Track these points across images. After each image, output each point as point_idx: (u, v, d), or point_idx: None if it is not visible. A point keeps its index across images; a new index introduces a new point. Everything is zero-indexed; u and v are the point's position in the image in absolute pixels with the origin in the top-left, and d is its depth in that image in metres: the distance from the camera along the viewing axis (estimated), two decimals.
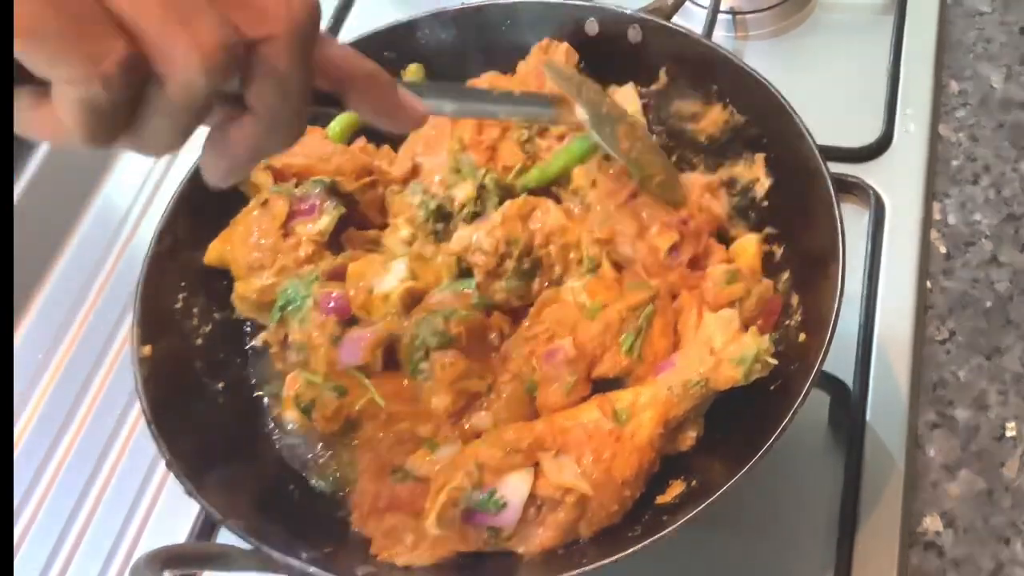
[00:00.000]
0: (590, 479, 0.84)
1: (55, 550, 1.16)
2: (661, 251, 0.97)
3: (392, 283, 0.97)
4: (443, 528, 0.84)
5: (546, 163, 1.04)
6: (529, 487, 0.83)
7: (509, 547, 0.86)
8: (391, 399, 0.92)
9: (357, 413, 0.93)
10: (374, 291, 0.97)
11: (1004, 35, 1.38)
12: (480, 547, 0.86)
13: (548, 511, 0.84)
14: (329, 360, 0.94)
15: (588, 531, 0.86)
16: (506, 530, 0.84)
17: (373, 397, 0.92)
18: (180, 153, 1.45)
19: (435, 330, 0.91)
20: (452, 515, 0.83)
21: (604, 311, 0.92)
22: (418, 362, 0.92)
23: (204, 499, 0.89)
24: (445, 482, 0.85)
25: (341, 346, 0.94)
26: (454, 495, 0.83)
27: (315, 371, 0.95)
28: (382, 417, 0.93)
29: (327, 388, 0.92)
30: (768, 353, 0.88)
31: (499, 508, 0.83)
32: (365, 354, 0.93)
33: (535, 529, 0.85)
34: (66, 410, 1.26)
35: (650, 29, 1.11)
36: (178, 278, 1.05)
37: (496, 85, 1.11)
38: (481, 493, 0.83)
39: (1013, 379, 1.10)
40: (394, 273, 0.98)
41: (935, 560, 1.00)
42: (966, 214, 1.23)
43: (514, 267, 0.97)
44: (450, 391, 0.91)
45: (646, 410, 0.88)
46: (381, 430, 0.94)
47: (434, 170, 1.08)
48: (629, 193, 0.98)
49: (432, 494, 0.86)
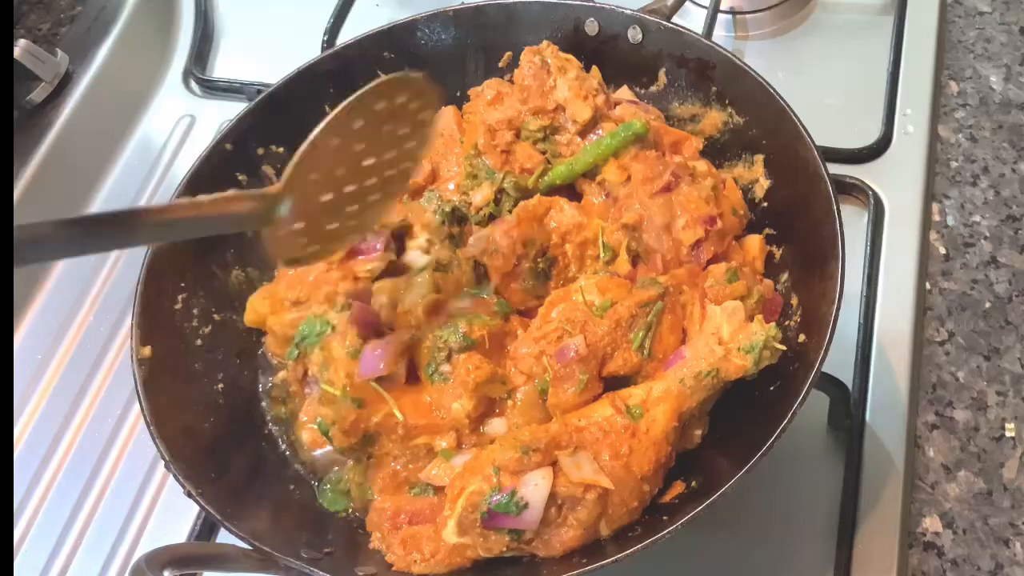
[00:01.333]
0: (609, 475, 0.84)
1: (55, 550, 1.16)
2: (685, 246, 0.97)
3: (415, 298, 0.97)
4: (463, 535, 0.83)
5: (574, 158, 1.04)
6: (549, 485, 0.83)
7: (531, 550, 0.85)
8: (409, 413, 0.92)
9: (375, 427, 0.92)
10: (399, 307, 0.98)
11: (1004, 35, 1.38)
12: (502, 551, 0.85)
13: (569, 510, 0.84)
14: (348, 372, 0.92)
15: (608, 529, 0.86)
16: (528, 532, 0.84)
17: (392, 410, 0.91)
18: (176, 158, 1.47)
19: (458, 333, 0.92)
20: (472, 520, 0.83)
21: (613, 308, 0.93)
22: (439, 364, 0.92)
23: (203, 500, 0.89)
24: (463, 488, 0.84)
25: (361, 358, 0.93)
26: (474, 499, 0.83)
27: (333, 384, 0.93)
28: (399, 432, 0.92)
29: (345, 400, 0.91)
30: (776, 339, 0.88)
31: (521, 509, 0.82)
32: (389, 363, 0.92)
33: (557, 530, 0.84)
34: (66, 410, 1.27)
35: (650, 29, 1.11)
36: (178, 279, 1.05)
37: (500, 91, 1.11)
38: (502, 495, 0.83)
39: (1012, 380, 1.10)
40: (417, 289, 0.98)
41: (935, 560, 1.00)
42: (965, 215, 1.23)
43: (530, 267, 0.98)
44: (473, 395, 0.91)
45: (659, 404, 0.88)
46: (398, 446, 0.93)
47: (450, 176, 1.09)
48: (664, 184, 0.99)
49: (450, 501, 0.85)
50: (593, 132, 1.05)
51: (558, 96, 1.06)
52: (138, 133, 1.51)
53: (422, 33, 1.17)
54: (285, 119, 1.14)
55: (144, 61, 1.57)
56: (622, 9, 1.12)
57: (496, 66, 1.18)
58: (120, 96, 1.53)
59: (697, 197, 0.98)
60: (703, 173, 1.02)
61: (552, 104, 1.06)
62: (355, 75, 1.17)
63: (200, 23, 1.59)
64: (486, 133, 1.06)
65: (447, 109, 1.13)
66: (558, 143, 1.07)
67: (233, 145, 1.11)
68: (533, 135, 1.06)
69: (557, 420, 0.90)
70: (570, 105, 1.05)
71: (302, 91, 1.14)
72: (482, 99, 1.11)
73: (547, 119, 1.07)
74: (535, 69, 1.08)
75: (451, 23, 1.17)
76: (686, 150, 1.06)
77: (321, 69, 1.15)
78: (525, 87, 1.08)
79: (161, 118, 1.52)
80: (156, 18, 1.61)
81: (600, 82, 1.10)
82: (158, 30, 1.61)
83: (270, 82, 1.15)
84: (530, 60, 1.08)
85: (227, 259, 1.11)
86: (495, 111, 1.09)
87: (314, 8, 1.48)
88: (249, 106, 1.13)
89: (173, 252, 1.05)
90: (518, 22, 1.16)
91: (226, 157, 1.11)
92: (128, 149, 1.50)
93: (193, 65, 1.54)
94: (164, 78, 1.56)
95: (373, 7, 1.56)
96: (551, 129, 1.07)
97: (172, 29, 1.62)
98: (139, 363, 0.97)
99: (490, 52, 1.18)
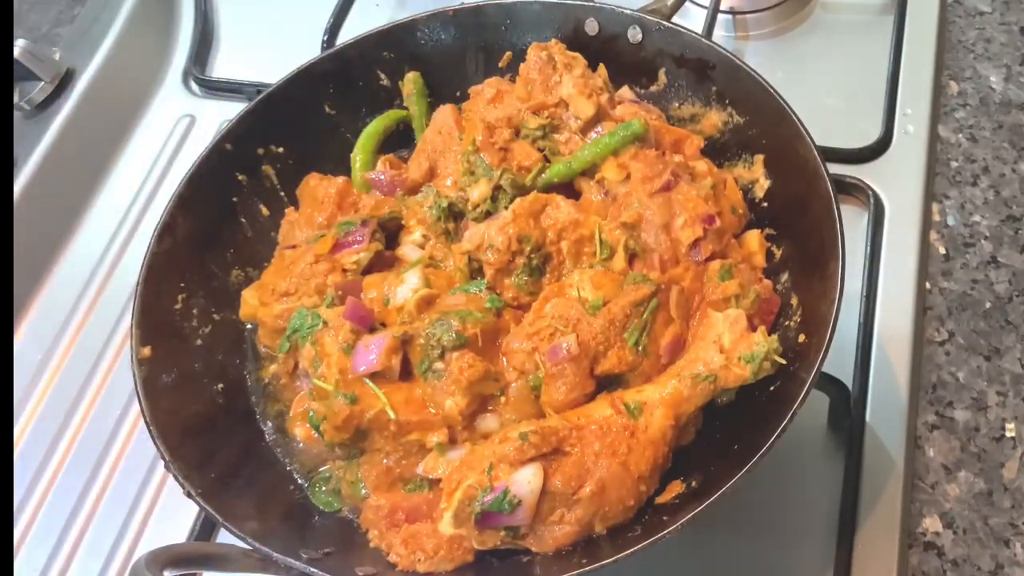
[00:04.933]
0: (607, 473, 0.85)
1: (55, 550, 1.16)
2: (683, 245, 0.97)
3: (407, 293, 0.97)
4: (459, 527, 0.84)
5: (573, 156, 1.04)
6: (540, 482, 0.84)
7: (525, 545, 0.86)
8: (401, 409, 0.92)
9: (367, 423, 0.92)
10: (390, 302, 0.98)
11: (1004, 35, 1.38)
12: (497, 545, 0.86)
13: (564, 507, 0.85)
14: (341, 368, 0.92)
15: (602, 527, 0.87)
16: (522, 527, 0.85)
17: (384, 408, 0.91)
18: (176, 158, 1.47)
19: (451, 331, 0.91)
20: (469, 513, 0.84)
21: (607, 308, 0.93)
22: (432, 362, 0.92)
23: (203, 500, 0.89)
24: (460, 481, 0.85)
25: (354, 354, 0.93)
26: (470, 492, 0.84)
27: (325, 379, 0.93)
28: (392, 428, 0.92)
29: (337, 396, 0.91)
30: (777, 352, 0.89)
31: (513, 507, 0.83)
32: (382, 359, 0.92)
33: (551, 527, 0.85)
34: (66, 410, 1.27)
35: (650, 29, 1.11)
36: (178, 279, 1.05)
37: (500, 89, 1.11)
38: (495, 494, 0.83)
39: (1012, 380, 1.10)
40: (408, 283, 0.98)
41: (935, 560, 1.00)
42: (965, 215, 1.23)
43: (524, 263, 0.98)
44: (467, 394, 0.91)
45: (657, 405, 0.89)
46: (390, 442, 0.94)
47: (447, 172, 1.09)
48: (663, 183, 0.99)
49: (446, 495, 0.86)
50: (593, 131, 1.05)
51: (562, 92, 1.06)
52: (138, 133, 1.51)
53: (422, 33, 1.17)
54: (285, 119, 1.15)
55: (144, 61, 1.57)
56: (622, 9, 1.12)
57: (496, 66, 1.18)
58: (120, 96, 1.53)
59: (696, 196, 0.98)
60: (703, 172, 1.02)
61: (555, 99, 1.06)
62: (355, 75, 1.18)
63: (200, 23, 1.59)
64: (484, 131, 1.06)
65: (446, 107, 1.13)
66: (557, 141, 1.07)
67: (233, 145, 1.11)
68: (532, 133, 1.06)
69: (552, 416, 0.90)
70: (574, 102, 1.06)
71: (302, 91, 1.15)
72: (482, 97, 1.11)
73: (547, 117, 1.07)
74: (541, 64, 1.08)
75: (451, 23, 1.17)
76: (687, 149, 1.06)
77: (321, 69, 1.15)
78: (530, 80, 1.08)
79: (161, 118, 1.52)
80: (156, 18, 1.61)
81: (606, 80, 1.10)
82: (158, 30, 1.61)
83: (270, 82, 1.15)
84: (537, 55, 1.09)
85: (227, 259, 1.11)
86: (495, 109, 1.09)
87: (314, 8, 1.48)
88: (249, 106, 1.13)
89: (173, 252, 1.05)
90: (518, 22, 1.16)
91: (226, 157, 1.11)
92: (128, 149, 1.50)
93: (193, 65, 1.54)
94: (164, 78, 1.56)
95: (373, 7, 1.56)
96: (550, 127, 1.07)
97: (172, 29, 1.62)
98: (139, 363, 0.97)
99: (490, 52, 1.18)
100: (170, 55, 1.59)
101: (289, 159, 1.16)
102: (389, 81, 1.19)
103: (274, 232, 1.14)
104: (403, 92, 1.19)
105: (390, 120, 1.18)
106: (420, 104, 1.18)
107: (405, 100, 1.19)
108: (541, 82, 1.08)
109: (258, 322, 1.05)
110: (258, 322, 1.05)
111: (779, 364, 0.89)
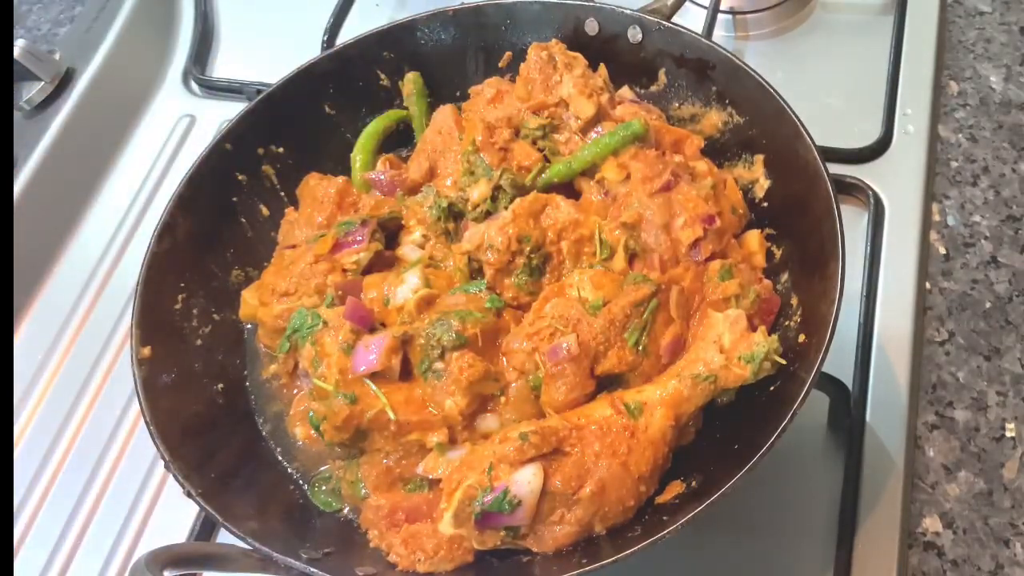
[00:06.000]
0: (607, 473, 0.85)
1: (55, 550, 1.16)
2: (683, 245, 0.97)
3: (407, 293, 0.97)
4: (459, 526, 0.85)
5: (573, 157, 1.04)
6: (540, 482, 0.84)
7: (525, 545, 0.86)
8: (401, 409, 0.92)
9: (367, 423, 0.92)
10: (390, 302, 0.98)
11: (1004, 35, 1.38)
12: (497, 545, 0.86)
13: (564, 507, 0.85)
14: (341, 368, 0.92)
15: (602, 526, 0.87)
16: (522, 528, 0.85)
17: (384, 408, 0.91)
18: (176, 158, 1.47)
19: (451, 331, 0.91)
20: (469, 513, 0.84)
21: (607, 308, 0.93)
22: (432, 362, 0.92)
23: (203, 500, 0.89)
24: (460, 481, 0.85)
25: (354, 354, 0.93)
26: (470, 492, 0.84)
27: (325, 379, 0.93)
28: (392, 428, 0.92)
29: (337, 396, 0.91)
30: (777, 353, 0.89)
31: (513, 507, 0.83)
32: (382, 359, 0.92)
33: (551, 527, 0.85)
34: (66, 410, 1.27)
35: (650, 29, 1.11)
36: (178, 279, 1.05)
37: (500, 90, 1.11)
38: (495, 494, 0.83)
39: (1012, 380, 1.10)
40: (408, 283, 0.98)
41: (935, 561, 1.00)
42: (965, 215, 1.23)
43: (524, 263, 0.98)
44: (467, 394, 0.91)
45: (657, 405, 0.89)
46: (390, 442, 0.94)
47: (447, 172, 1.09)
48: (663, 183, 0.99)
49: (446, 495, 0.86)
50: (593, 131, 1.05)
51: (562, 92, 1.06)
52: (138, 133, 1.51)
53: (422, 33, 1.17)
54: (285, 119, 1.15)
55: (144, 61, 1.57)
56: (622, 9, 1.12)
57: (496, 66, 1.18)
58: (120, 96, 1.53)
59: (696, 196, 0.98)
60: (703, 172, 1.02)
61: (555, 99, 1.06)
62: (355, 75, 1.18)
63: (200, 23, 1.59)
64: (484, 131, 1.06)
65: (446, 107, 1.14)
66: (557, 141, 1.07)
67: (233, 145, 1.11)
68: (532, 133, 1.06)
69: (552, 417, 0.90)
70: (574, 102, 1.06)
71: (302, 91, 1.15)
72: (482, 97, 1.12)
73: (547, 117, 1.07)
74: (542, 64, 1.08)
75: (451, 23, 1.17)
76: (687, 149, 1.06)
77: (321, 69, 1.15)
78: (530, 80, 1.08)
79: (161, 118, 1.52)
80: (156, 18, 1.61)
81: (606, 80, 1.10)
82: (158, 30, 1.61)
83: (270, 82, 1.15)
84: (537, 55, 1.09)
85: (227, 259, 1.11)
86: (495, 109, 1.10)
87: (314, 8, 1.48)
88: (249, 106, 1.13)
89: (173, 252, 1.05)
90: (518, 22, 1.16)
91: (226, 157, 1.11)
92: (128, 149, 1.50)
93: (193, 65, 1.54)
94: (164, 78, 1.56)
95: (373, 7, 1.56)
96: (550, 127, 1.07)
97: (172, 29, 1.62)
98: (139, 363, 0.97)
99: (490, 52, 1.18)
100: (170, 55, 1.59)
101: (289, 159, 1.16)
102: (389, 81, 1.19)
103: (274, 232, 1.14)
104: (403, 92, 1.19)
105: (390, 120, 1.18)
106: (420, 104, 1.18)
107: (405, 100, 1.19)
108: (541, 82, 1.08)
109: (258, 322, 1.05)
110: (258, 322, 1.05)
111: (779, 364, 0.89)
